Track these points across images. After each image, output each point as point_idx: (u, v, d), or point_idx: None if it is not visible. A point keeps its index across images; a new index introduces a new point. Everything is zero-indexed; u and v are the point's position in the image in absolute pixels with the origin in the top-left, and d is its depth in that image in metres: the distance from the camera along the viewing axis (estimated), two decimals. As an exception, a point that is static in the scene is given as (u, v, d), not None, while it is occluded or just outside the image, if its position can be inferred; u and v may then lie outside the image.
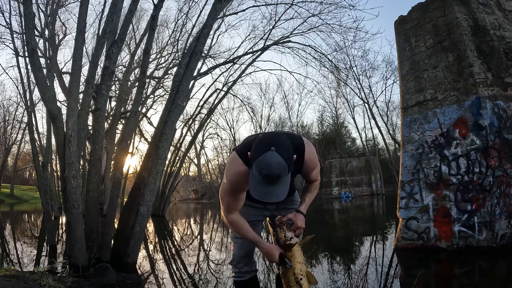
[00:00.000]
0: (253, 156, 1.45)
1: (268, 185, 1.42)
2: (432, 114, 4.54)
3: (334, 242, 6.15)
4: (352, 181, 27.63)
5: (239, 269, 1.97)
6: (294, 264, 1.63)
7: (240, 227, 1.76)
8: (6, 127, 28.94)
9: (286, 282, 1.64)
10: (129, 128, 5.43)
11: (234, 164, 1.67)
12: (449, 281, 3.30)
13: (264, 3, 11.32)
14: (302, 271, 1.62)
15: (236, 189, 1.69)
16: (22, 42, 8.33)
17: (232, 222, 1.76)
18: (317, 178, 1.90)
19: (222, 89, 14.91)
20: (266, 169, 1.38)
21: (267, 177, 1.40)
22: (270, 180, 1.40)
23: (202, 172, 39.38)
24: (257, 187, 1.45)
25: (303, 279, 1.60)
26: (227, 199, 1.72)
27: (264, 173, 1.39)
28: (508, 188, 3.99)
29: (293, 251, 1.67)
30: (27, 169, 42.15)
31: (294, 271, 1.62)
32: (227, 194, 1.71)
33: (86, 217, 4.24)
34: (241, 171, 1.62)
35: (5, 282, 2.79)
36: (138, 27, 14.88)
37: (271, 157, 1.39)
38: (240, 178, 1.63)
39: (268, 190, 1.43)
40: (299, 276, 1.60)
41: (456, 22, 4.42)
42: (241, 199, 1.75)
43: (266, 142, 1.45)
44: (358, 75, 22.52)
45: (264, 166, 1.39)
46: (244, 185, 1.63)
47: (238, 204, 1.76)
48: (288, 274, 1.63)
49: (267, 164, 1.38)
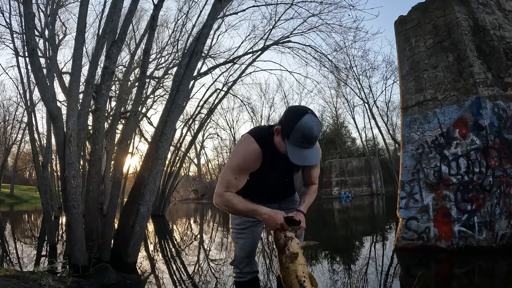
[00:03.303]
0: (289, 124, 1.52)
1: (306, 148, 1.52)
2: (432, 114, 4.54)
3: (334, 242, 6.15)
4: (352, 181, 27.63)
5: (240, 269, 1.97)
6: (296, 266, 1.58)
7: (236, 203, 1.69)
8: (6, 127, 28.96)
9: (288, 285, 1.58)
10: (129, 128, 5.43)
11: (246, 142, 1.71)
12: (449, 281, 3.30)
13: (264, 3, 11.34)
14: (305, 273, 1.58)
15: (242, 168, 1.70)
16: (22, 42, 8.33)
17: (227, 200, 1.69)
18: (315, 182, 1.92)
19: (222, 89, 14.92)
20: (309, 130, 1.49)
21: (309, 139, 1.50)
22: (310, 143, 1.51)
23: (202, 172, 39.41)
24: (296, 152, 1.52)
25: (306, 281, 1.56)
26: (229, 177, 1.70)
27: (308, 135, 1.49)
28: (508, 188, 3.99)
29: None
30: (27, 169, 42.18)
31: (296, 273, 1.57)
32: (232, 171, 1.71)
33: (86, 217, 4.23)
34: (253, 148, 1.68)
35: (5, 282, 2.79)
36: (138, 27, 14.88)
37: (311, 119, 1.50)
38: (250, 156, 1.68)
39: (306, 154, 1.53)
40: (302, 278, 1.56)
41: (456, 22, 4.42)
42: (242, 181, 1.72)
43: (300, 108, 1.57)
44: (358, 75, 22.57)
45: (307, 128, 1.49)
46: (251, 164, 1.69)
47: (238, 184, 1.72)
48: (290, 277, 1.58)
49: (310, 126, 1.49)
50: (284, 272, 1.61)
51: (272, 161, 1.73)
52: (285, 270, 1.60)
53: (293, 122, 1.51)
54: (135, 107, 5.32)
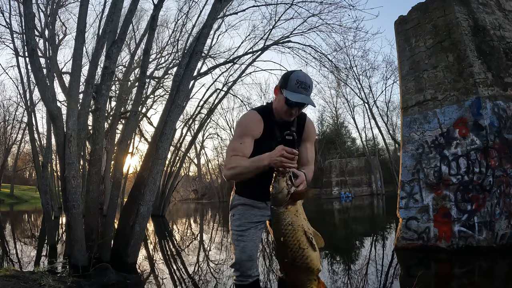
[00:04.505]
0: (285, 77, 1.76)
1: (302, 92, 1.70)
2: (432, 114, 4.54)
3: (334, 242, 6.15)
4: (352, 181, 27.63)
5: (241, 273, 1.93)
6: (302, 221, 1.44)
7: (242, 161, 1.73)
8: (6, 127, 28.95)
9: (295, 245, 1.40)
10: (129, 128, 5.43)
11: (247, 113, 1.91)
12: (449, 281, 3.30)
13: (264, 3, 11.32)
14: (310, 229, 1.44)
15: (244, 132, 1.81)
16: (22, 42, 8.33)
17: (234, 162, 1.73)
18: (312, 163, 1.94)
19: (222, 89, 14.92)
20: (303, 77, 1.72)
21: (303, 84, 1.70)
22: (305, 88, 1.70)
23: (202, 172, 39.40)
24: (293, 95, 1.71)
25: (313, 239, 1.43)
26: (234, 144, 1.80)
27: (302, 81, 1.70)
28: (508, 188, 3.99)
29: (297, 205, 1.47)
30: (27, 169, 42.16)
31: (304, 229, 1.42)
32: (236, 139, 1.81)
33: (86, 217, 4.23)
34: (253, 114, 1.85)
35: (5, 282, 2.79)
36: (138, 27, 14.87)
37: (303, 72, 1.75)
38: (251, 121, 1.83)
39: (302, 96, 1.70)
40: (309, 235, 1.42)
41: (456, 22, 4.42)
42: (247, 145, 1.78)
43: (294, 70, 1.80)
44: (358, 75, 22.56)
45: (301, 75, 1.72)
46: (253, 128, 1.81)
47: (243, 148, 1.77)
48: (297, 234, 1.41)
49: (303, 75, 1.73)
50: (288, 231, 1.42)
51: (272, 130, 1.83)
52: (289, 228, 1.42)
53: (288, 74, 1.76)
54: (135, 107, 5.32)
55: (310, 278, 1.44)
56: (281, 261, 1.52)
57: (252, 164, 1.69)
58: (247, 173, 1.72)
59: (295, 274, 1.46)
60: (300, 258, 1.42)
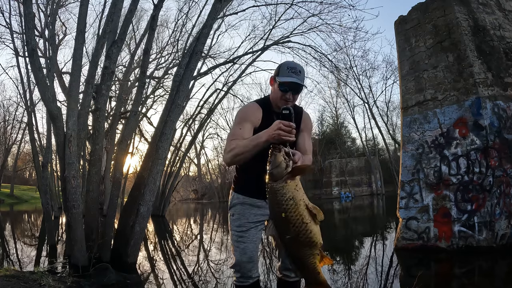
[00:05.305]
0: (277, 67, 1.89)
1: (293, 76, 1.82)
2: (432, 114, 4.54)
3: (335, 242, 6.15)
4: (352, 181, 27.64)
5: (241, 274, 1.93)
6: (302, 196, 1.41)
7: (241, 143, 1.75)
8: (6, 127, 28.94)
9: (299, 219, 1.37)
10: (129, 128, 5.43)
11: (246, 104, 2.05)
12: (449, 281, 3.30)
13: (264, 3, 11.32)
14: (310, 204, 1.41)
15: (244, 119, 1.87)
16: (22, 42, 8.33)
17: (234, 144, 1.77)
18: (310, 153, 1.97)
19: (222, 89, 14.92)
20: (293, 63, 1.87)
21: (294, 69, 1.83)
22: (295, 72, 1.82)
23: (202, 172, 39.37)
24: (285, 78, 1.82)
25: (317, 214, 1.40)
26: (234, 130, 1.86)
27: (292, 66, 1.84)
28: (508, 188, 3.99)
29: (296, 180, 1.44)
30: (27, 169, 42.16)
31: (305, 203, 1.39)
32: (235, 125, 1.89)
33: (86, 217, 4.23)
34: (252, 104, 1.97)
35: (5, 282, 2.79)
36: (138, 27, 14.87)
37: (294, 61, 1.92)
38: (250, 109, 1.92)
39: (293, 77, 1.82)
40: (311, 208, 1.39)
41: (456, 22, 4.42)
42: (247, 130, 1.83)
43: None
44: (358, 75, 22.53)
45: (291, 62, 1.88)
46: (252, 115, 1.88)
47: (243, 133, 1.81)
48: (299, 208, 1.37)
49: (293, 62, 1.89)
50: (290, 206, 1.39)
51: (271, 119, 1.84)
52: (290, 202, 1.38)
53: (280, 64, 1.90)
54: (135, 107, 5.32)
55: (313, 252, 1.42)
56: (281, 237, 1.46)
57: (251, 142, 1.70)
58: (246, 152, 1.72)
59: (298, 249, 1.43)
60: (304, 233, 1.38)
